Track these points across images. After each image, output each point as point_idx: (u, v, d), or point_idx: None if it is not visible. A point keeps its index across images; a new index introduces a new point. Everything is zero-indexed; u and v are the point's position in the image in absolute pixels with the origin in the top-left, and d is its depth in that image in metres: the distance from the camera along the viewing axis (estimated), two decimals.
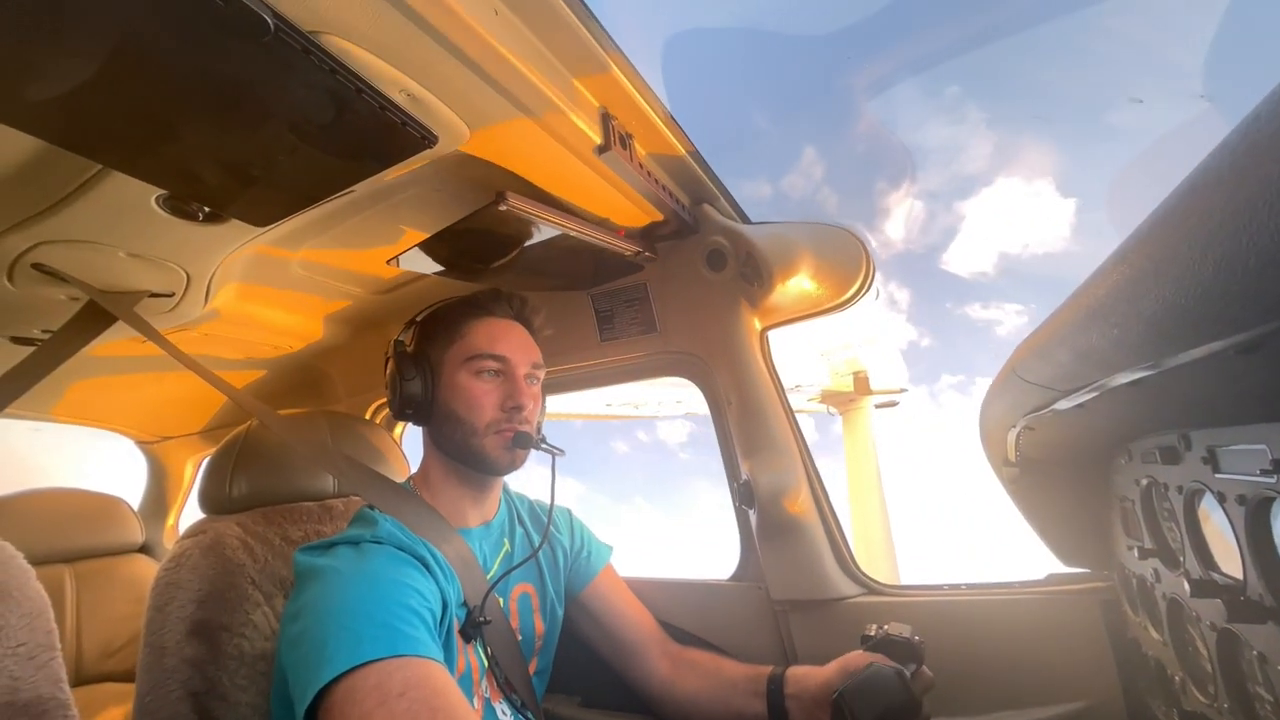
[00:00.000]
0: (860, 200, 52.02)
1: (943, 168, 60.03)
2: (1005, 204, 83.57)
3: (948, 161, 62.70)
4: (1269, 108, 0.34)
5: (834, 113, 47.44)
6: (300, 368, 2.08)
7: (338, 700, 0.83)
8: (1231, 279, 0.39)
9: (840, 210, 52.19)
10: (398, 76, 0.79)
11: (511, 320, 1.27)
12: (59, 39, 0.62)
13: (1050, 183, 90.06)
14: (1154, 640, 1.00)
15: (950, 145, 65.87)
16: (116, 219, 1.03)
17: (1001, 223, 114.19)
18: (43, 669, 0.90)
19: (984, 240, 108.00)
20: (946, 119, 66.47)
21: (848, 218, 8.27)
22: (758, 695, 1.25)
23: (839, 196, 41.35)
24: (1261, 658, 0.68)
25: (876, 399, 7.93)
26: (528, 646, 1.27)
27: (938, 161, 61.66)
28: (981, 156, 67.16)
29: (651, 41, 30.60)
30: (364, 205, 1.16)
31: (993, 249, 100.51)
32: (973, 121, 63.04)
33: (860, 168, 54.50)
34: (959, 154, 64.15)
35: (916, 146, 60.36)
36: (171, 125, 0.78)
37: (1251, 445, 0.65)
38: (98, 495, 2.21)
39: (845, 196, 39.44)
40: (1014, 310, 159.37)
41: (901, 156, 51.55)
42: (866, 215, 35.84)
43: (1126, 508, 1.05)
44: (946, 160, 62.04)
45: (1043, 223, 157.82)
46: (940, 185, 59.66)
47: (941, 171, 62.82)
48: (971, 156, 65.48)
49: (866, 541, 7.93)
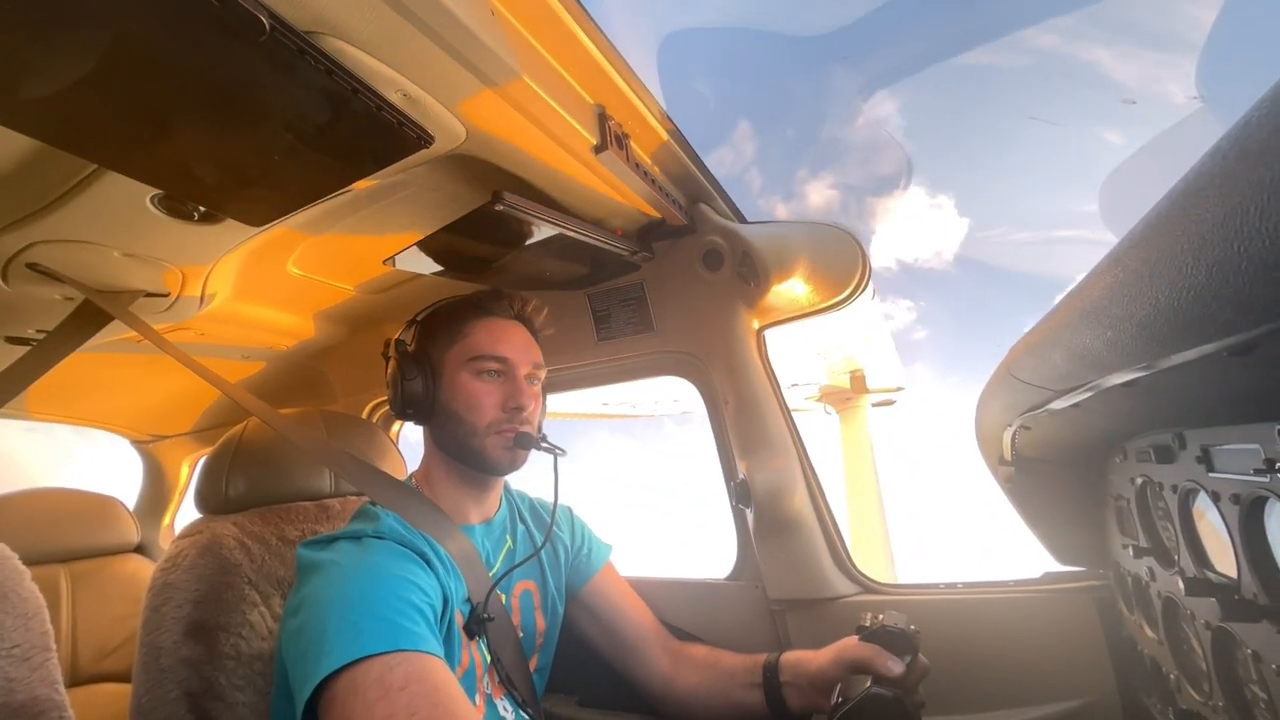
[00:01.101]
0: (781, 183, 52.21)
1: (860, 165, 63.09)
2: (909, 211, 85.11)
3: (865, 160, 66.23)
4: (1259, 113, 0.34)
5: (773, 97, 50.07)
6: (296, 368, 2.08)
7: (339, 693, 0.84)
8: (1224, 283, 0.39)
9: (762, 190, 52.53)
10: (394, 76, 0.79)
11: (513, 321, 1.27)
12: (54, 38, 0.62)
13: (952, 199, 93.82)
14: (1149, 638, 1.01)
15: (870, 146, 69.25)
16: (111, 218, 1.02)
17: (903, 227, 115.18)
18: (38, 670, 0.90)
19: (886, 240, 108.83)
20: (869, 120, 71.25)
21: (767, 195, 8.18)
22: (755, 685, 1.26)
23: (764, 178, 41.12)
24: (1256, 656, 0.69)
25: (873, 398, 7.93)
26: (529, 643, 1.27)
27: (857, 159, 65.51)
28: (897, 161, 69.37)
29: (647, 41, 30.67)
30: (360, 205, 1.16)
31: (892, 250, 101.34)
32: (893, 127, 65.06)
33: (789, 152, 55.56)
34: (876, 155, 65.67)
35: (840, 141, 62.69)
36: (167, 125, 0.78)
37: (1245, 445, 0.66)
38: (93, 495, 2.20)
39: (769, 178, 39.21)
40: (905, 305, 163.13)
41: (827, 148, 53.05)
42: (785, 196, 35.57)
43: (1122, 506, 1.06)
44: (864, 159, 65.55)
45: (937, 236, 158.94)
46: (857, 181, 62.32)
47: (859, 169, 66.01)
48: (887, 160, 68.36)
49: (863, 540, 7.94)
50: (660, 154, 1.28)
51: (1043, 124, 55.41)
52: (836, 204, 50.91)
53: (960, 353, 53.22)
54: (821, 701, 1.16)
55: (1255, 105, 0.34)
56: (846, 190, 40.22)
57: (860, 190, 49.23)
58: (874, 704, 1.00)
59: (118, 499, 2.27)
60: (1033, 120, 57.21)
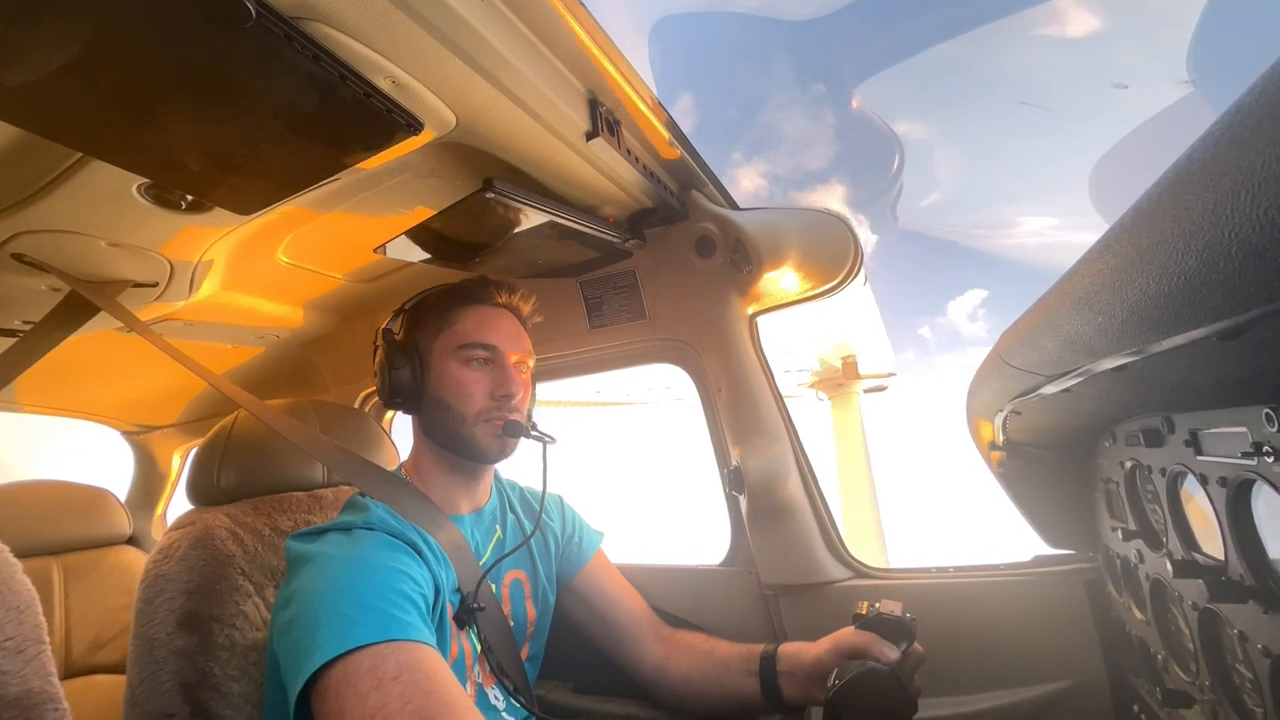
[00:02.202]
0: (719, 163, 44.35)
1: (789, 157, 47.98)
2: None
3: (795, 153, 50.36)
4: (1251, 99, 0.34)
5: (719, 75, 37.52)
6: (288, 358, 2.07)
7: (332, 684, 0.84)
8: (1214, 268, 0.40)
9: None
10: (382, 63, 0.78)
11: (501, 309, 1.26)
12: (38, 25, 0.61)
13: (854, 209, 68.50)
14: (1137, 620, 1.02)
15: (802, 138, 52.86)
16: (98, 208, 1.01)
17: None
18: (31, 663, 0.89)
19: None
20: (805, 112, 51.55)
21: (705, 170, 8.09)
22: (750, 674, 1.26)
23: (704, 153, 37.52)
24: (1242, 636, 0.70)
25: (865, 383, 7.95)
26: (520, 632, 1.27)
27: (788, 150, 48.99)
28: (823, 158, 53.16)
29: (639, 27, 29.99)
30: (350, 193, 1.15)
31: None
32: (825, 123, 50.60)
33: (729, 132, 46.10)
34: (806, 149, 51.32)
35: (775, 128, 47.18)
36: (153, 112, 0.77)
37: (1232, 428, 0.66)
38: (84, 487, 2.19)
39: (708, 155, 36.86)
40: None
41: (762, 133, 43.99)
42: (719, 172, 33.28)
43: (1111, 490, 1.07)
44: (794, 151, 49.90)
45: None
46: (784, 172, 47.74)
47: (788, 160, 49.64)
48: (815, 155, 52.95)
49: (856, 525, 7.98)
50: (652, 140, 1.28)
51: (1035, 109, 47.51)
52: (765, 194, 42.06)
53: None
54: (816, 692, 1.17)
55: (1246, 91, 0.34)
56: (774, 180, 35.98)
57: (786, 182, 41.95)
58: (871, 678, 1.00)
59: (109, 491, 2.25)
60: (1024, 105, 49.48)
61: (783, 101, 26.70)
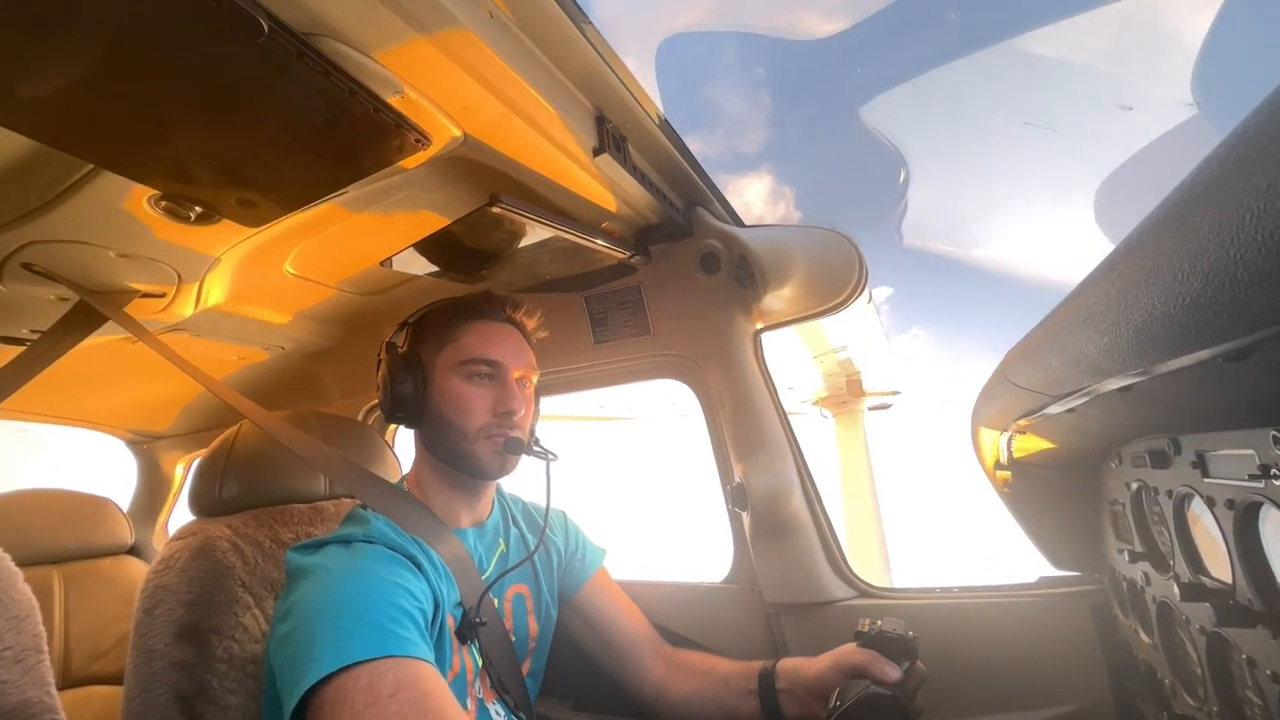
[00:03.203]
0: (722, 179, 48.33)
1: (724, 138, 59.16)
2: (750, 196, 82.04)
3: (730, 133, 62.04)
4: (1255, 122, 0.34)
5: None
6: (293, 369, 2.07)
7: (328, 699, 0.83)
8: (1220, 290, 0.39)
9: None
10: (391, 78, 0.79)
11: (505, 324, 1.26)
12: (52, 38, 0.61)
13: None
14: (1144, 643, 1.01)
15: (738, 119, 65.91)
16: (107, 219, 1.02)
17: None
18: (30, 672, 0.89)
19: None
20: (743, 93, 66.96)
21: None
22: (750, 692, 1.25)
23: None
24: (1250, 661, 0.69)
25: (870, 401, 7.94)
26: (521, 648, 1.26)
27: (723, 129, 61.33)
28: (756, 143, 66.01)
29: (646, 45, 30.43)
30: (357, 206, 1.16)
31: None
32: (762, 106, 63.14)
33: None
34: (742, 131, 63.76)
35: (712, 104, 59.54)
36: (164, 125, 0.78)
37: (1240, 450, 0.66)
38: (87, 496, 2.19)
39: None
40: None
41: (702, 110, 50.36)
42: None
43: (1117, 511, 1.06)
44: (730, 132, 61.29)
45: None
46: (717, 154, 59.65)
47: (721, 141, 61.77)
48: (749, 140, 64.89)
49: (859, 544, 7.93)
50: (658, 157, 1.28)
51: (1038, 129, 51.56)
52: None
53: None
54: (818, 709, 1.16)
55: (1252, 113, 0.35)
56: (707, 162, 39.39)
57: (716, 163, 48.10)
58: (872, 703, 0.99)
59: (111, 500, 2.25)
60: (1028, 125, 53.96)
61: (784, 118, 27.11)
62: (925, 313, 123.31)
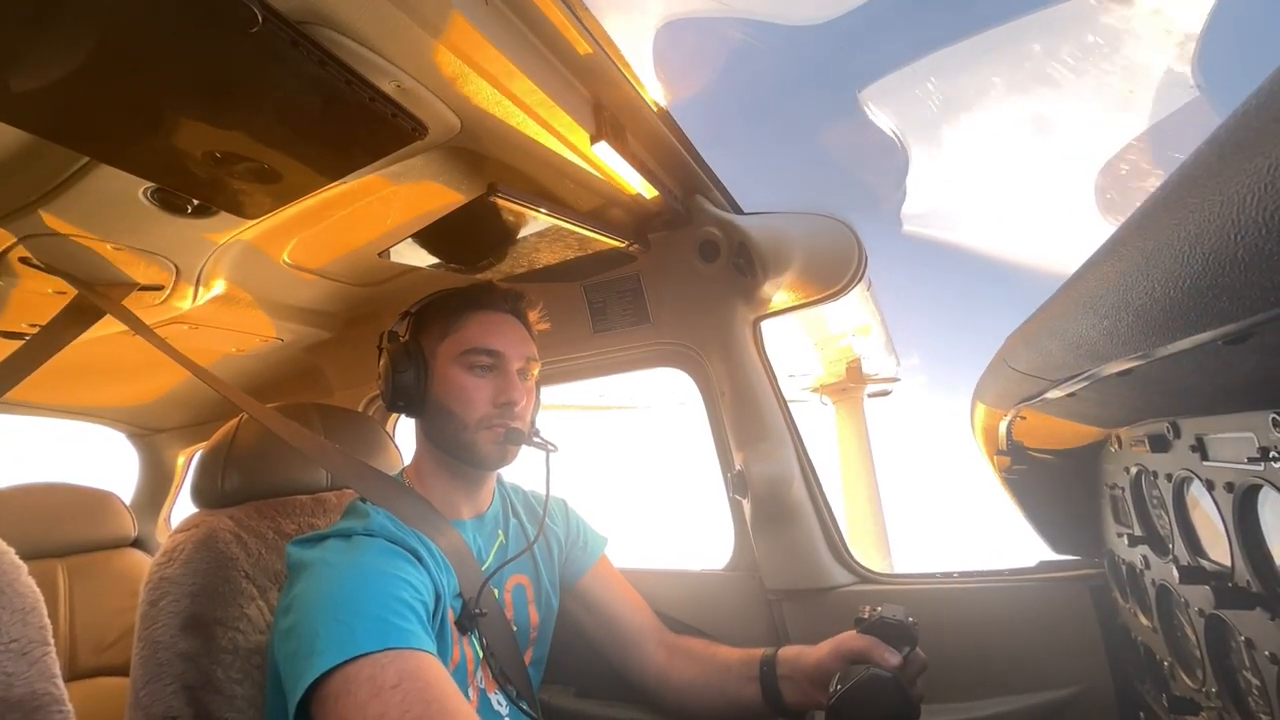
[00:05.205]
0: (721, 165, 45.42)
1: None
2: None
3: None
4: (1256, 103, 0.34)
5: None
6: (293, 361, 2.07)
7: (332, 692, 0.84)
8: (1220, 272, 0.39)
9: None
10: (388, 68, 0.78)
11: (506, 314, 1.26)
12: (46, 30, 0.61)
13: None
14: (1143, 626, 1.01)
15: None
16: (104, 212, 1.02)
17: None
18: (36, 664, 0.89)
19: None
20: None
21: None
22: (751, 679, 1.26)
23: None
24: (1249, 643, 0.69)
25: (870, 388, 7.96)
26: (523, 637, 1.27)
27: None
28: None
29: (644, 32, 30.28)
30: (355, 197, 1.15)
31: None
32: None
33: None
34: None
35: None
36: (159, 117, 0.77)
37: (1239, 433, 0.66)
38: (89, 489, 2.20)
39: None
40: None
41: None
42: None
43: (1116, 495, 1.06)
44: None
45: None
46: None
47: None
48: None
49: (860, 530, 7.97)
50: (656, 145, 1.28)
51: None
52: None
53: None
54: (818, 696, 1.16)
55: (1252, 94, 0.34)
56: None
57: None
58: (873, 685, 0.99)
59: (114, 494, 2.26)
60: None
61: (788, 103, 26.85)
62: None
